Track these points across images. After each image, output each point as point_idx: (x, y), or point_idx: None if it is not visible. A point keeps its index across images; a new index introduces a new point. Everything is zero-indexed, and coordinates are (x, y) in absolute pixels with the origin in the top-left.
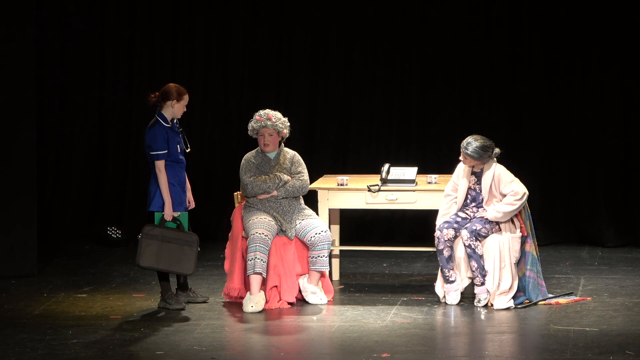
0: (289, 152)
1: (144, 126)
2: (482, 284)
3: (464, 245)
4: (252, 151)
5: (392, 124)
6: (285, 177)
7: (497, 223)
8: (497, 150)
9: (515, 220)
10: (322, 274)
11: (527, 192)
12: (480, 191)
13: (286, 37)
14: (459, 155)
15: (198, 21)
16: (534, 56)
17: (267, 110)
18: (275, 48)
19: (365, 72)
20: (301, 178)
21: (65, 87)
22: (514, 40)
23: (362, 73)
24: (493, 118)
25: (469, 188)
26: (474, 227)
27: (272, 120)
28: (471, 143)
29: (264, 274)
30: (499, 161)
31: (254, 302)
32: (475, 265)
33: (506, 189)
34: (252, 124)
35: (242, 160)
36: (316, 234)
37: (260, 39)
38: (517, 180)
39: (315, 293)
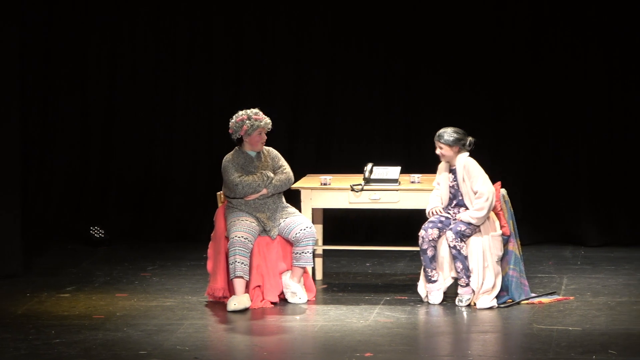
0: (266, 149)
1: (128, 125)
2: (467, 284)
3: (449, 246)
4: (231, 152)
5: (374, 122)
6: (271, 174)
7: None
8: (471, 139)
9: (495, 219)
10: (304, 270)
11: (493, 190)
12: (459, 187)
13: (269, 33)
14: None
15: (180, 16)
16: (517, 48)
17: (257, 109)
18: (258, 46)
19: (349, 69)
20: (285, 171)
21: (48, 84)
22: (498, 31)
23: (346, 71)
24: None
25: (449, 186)
26: (459, 228)
27: (268, 119)
28: (443, 132)
29: (246, 277)
30: (475, 154)
31: (237, 300)
32: (460, 267)
33: (474, 185)
34: (251, 122)
35: (224, 162)
36: (301, 230)
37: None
38: (484, 176)
39: (296, 293)
